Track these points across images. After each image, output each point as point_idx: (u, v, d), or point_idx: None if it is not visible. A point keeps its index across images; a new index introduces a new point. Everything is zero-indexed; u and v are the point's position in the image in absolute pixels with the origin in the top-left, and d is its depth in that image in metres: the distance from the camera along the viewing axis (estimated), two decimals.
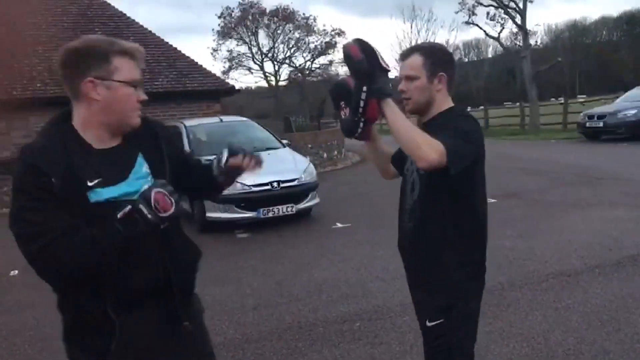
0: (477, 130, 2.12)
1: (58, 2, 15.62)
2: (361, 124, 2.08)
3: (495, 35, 29.38)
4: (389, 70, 2.01)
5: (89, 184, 1.60)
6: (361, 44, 1.98)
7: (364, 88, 1.99)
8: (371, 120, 2.07)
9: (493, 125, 27.18)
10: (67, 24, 15.06)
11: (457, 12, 36.16)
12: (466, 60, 68.70)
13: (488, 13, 28.08)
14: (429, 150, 1.84)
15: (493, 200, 8.74)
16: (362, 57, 1.96)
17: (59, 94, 13.34)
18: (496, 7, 27.43)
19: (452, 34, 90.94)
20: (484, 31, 29.65)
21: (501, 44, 30.68)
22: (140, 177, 1.71)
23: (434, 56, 2.15)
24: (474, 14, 28.59)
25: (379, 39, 78.12)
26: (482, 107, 34.42)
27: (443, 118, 2.12)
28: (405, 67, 2.16)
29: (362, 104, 2.00)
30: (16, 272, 6.45)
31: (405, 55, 2.20)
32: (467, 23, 29.22)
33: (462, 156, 1.92)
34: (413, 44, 40.15)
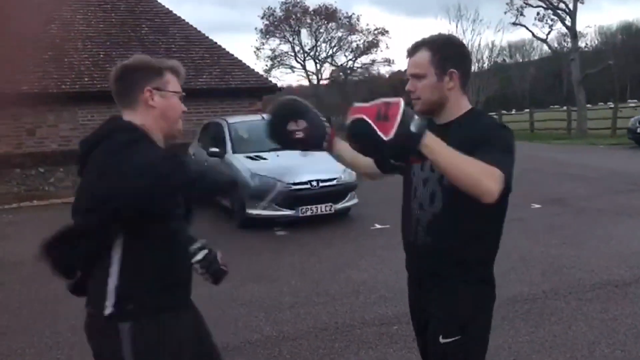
0: (513, 139, 1.93)
1: None
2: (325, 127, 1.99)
3: (543, 36, 28.79)
4: (390, 137, 1.53)
5: None
6: (350, 136, 1.62)
7: (392, 162, 1.64)
8: (419, 163, 1.88)
9: (538, 129, 26.59)
10: (115, 20, 15.41)
11: (505, 13, 35.41)
12: (511, 61, 67.36)
13: (537, 14, 27.49)
14: (490, 182, 1.62)
15: (537, 206, 8.55)
16: (358, 147, 1.63)
17: (106, 88, 13.66)
18: (545, 8, 26.81)
19: (498, 35, 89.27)
20: (532, 32, 29.06)
21: (549, 46, 30.01)
22: None
23: (443, 51, 1.92)
24: (521, 14, 28.03)
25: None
26: (527, 110, 33.75)
27: (469, 123, 1.92)
28: (411, 64, 1.96)
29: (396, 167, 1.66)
30: None
31: (411, 51, 1.97)
32: (514, 24, 28.65)
33: (511, 172, 1.76)
34: None
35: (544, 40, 28.92)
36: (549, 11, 26.86)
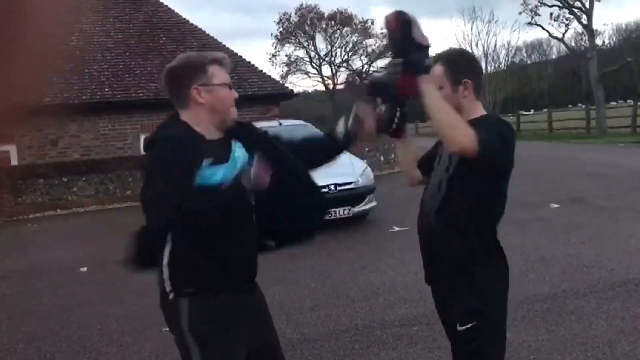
0: (511, 134, 2.13)
1: (125, 10, 16.26)
2: (397, 116, 2.09)
3: (560, 35, 28.54)
4: (427, 46, 1.98)
5: (205, 163, 1.86)
6: (399, 17, 1.96)
7: (400, 60, 1.98)
8: (406, 95, 2.05)
9: (557, 129, 26.38)
10: (133, 31, 15.67)
11: (520, 13, 35.22)
12: (528, 62, 66.76)
13: (552, 14, 27.31)
14: (463, 134, 1.88)
15: (556, 206, 8.51)
16: (397, 26, 1.95)
17: (125, 98, 13.95)
18: (560, 7, 26.63)
19: (514, 35, 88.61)
20: (548, 32, 28.86)
21: (566, 45, 29.74)
22: (239, 162, 1.93)
23: (455, 63, 2.14)
24: (537, 14, 27.87)
25: (440, 41, 77.11)
26: (545, 109, 33.46)
27: (479, 122, 2.08)
28: None
29: (398, 78, 1.99)
30: (85, 269, 6.77)
31: None
32: (530, 24, 28.49)
33: (495, 148, 1.95)
34: (473, 45, 39.51)
35: (561, 40, 28.71)
36: (565, 10, 26.68)
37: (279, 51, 42.40)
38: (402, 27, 1.95)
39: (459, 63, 2.16)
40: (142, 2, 16.68)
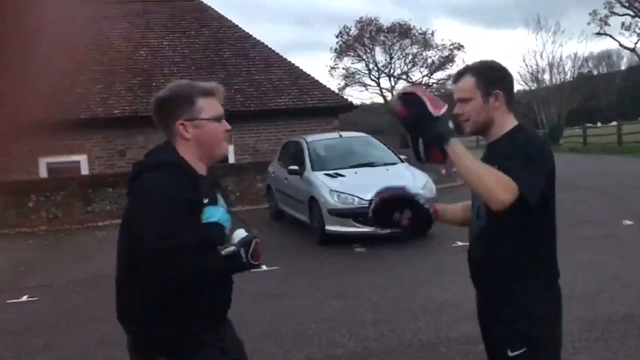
0: (544, 151, 2.05)
1: (191, 25, 16.77)
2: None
3: (631, 45, 27.42)
4: (439, 114, 1.98)
5: (205, 201, 1.84)
6: (404, 98, 2.00)
7: (420, 140, 2.00)
8: (439, 163, 2.09)
9: (627, 142, 25.23)
10: (199, 45, 16.13)
11: (588, 24, 34.13)
12: (595, 73, 64.39)
13: (623, 23, 26.35)
14: (501, 191, 1.85)
15: (629, 222, 8.11)
16: (407, 112, 1.98)
17: None
18: (632, 16, 25.62)
19: (581, 46, 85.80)
20: (618, 42, 27.90)
21: (638, 55, 28.53)
22: (224, 209, 1.92)
23: (486, 74, 2.10)
24: (606, 24, 26.93)
25: (503, 51, 75.60)
26: (614, 122, 32.16)
27: (508, 139, 2.06)
28: (458, 90, 2.13)
29: (422, 155, 2.03)
30: None
31: (457, 78, 2.17)
32: (599, 34, 27.53)
33: (536, 184, 1.91)
34: (537, 56, 38.45)
35: (632, 50, 27.59)
36: (637, 19, 25.64)
37: (337, 64, 42.65)
38: (411, 106, 1.98)
39: (490, 74, 2.11)
40: (208, 17, 17.17)
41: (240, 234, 1.84)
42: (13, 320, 5.56)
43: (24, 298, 6.38)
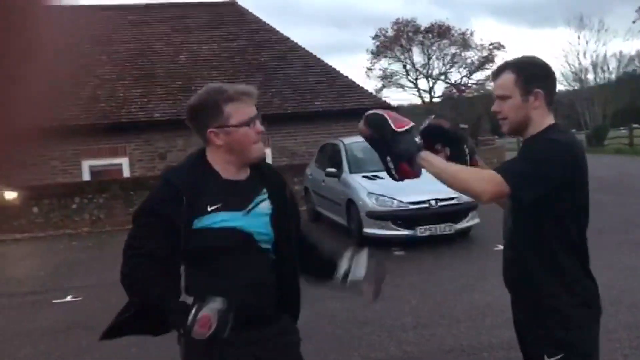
0: (560, 151, 1.93)
1: (230, 28, 16.95)
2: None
3: None
4: (402, 130, 1.96)
5: (209, 209, 1.84)
6: (367, 120, 2.01)
7: (388, 158, 1.98)
8: (411, 178, 2.03)
9: None
10: (237, 49, 16.29)
11: (634, 22, 33.12)
12: None
13: None
14: (480, 183, 1.86)
15: None
16: (370, 132, 1.99)
17: None
18: None
19: (627, 44, 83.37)
20: None
21: None
22: (259, 215, 1.93)
23: (527, 71, 2.01)
24: None
25: (544, 50, 74.09)
26: None
27: (536, 138, 2.00)
28: (497, 86, 2.07)
29: (393, 172, 2.00)
30: None
31: (496, 74, 2.09)
32: None
33: (532, 181, 1.85)
34: (580, 55, 37.57)
35: None
36: None
37: (374, 65, 42.46)
38: (374, 127, 1.99)
39: (531, 71, 2.02)
40: (246, 21, 17.33)
41: (216, 303, 1.71)
42: (58, 320, 5.70)
43: (68, 298, 6.53)
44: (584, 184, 2.01)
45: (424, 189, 7.92)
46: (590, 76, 37.43)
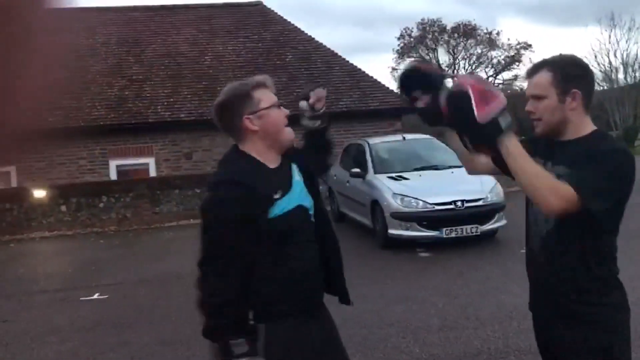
0: (630, 165, 1.86)
1: (254, 29, 17.01)
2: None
3: None
4: (486, 120, 1.69)
5: (275, 196, 1.93)
6: (448, 100, 1.74)
7: (466, 139, 1.83)
8: (487, 155, 1.95)
9: None
10: (261, 50, 16.34)
11: None
12: None
13: None
14: (552, 198, 1.72)
15: None
16: (448, 113, 1.76)
17: None
18: None
19: None
20: None
21: None
22: (301, 188, 2.06)
23: (565, 71, 1.90)
24: None
25: (574, 50, 72.84)
26: None
27: (585, 145, 1.88)
28: (532, 85, 1.97)
29: (468, 145, 1.84)
30: None
31: (531, 72, 1.99)
32: None
33: (605, 196, 1.77)
34: (611, 54, 36.80)
35: None
36: None
37: (399, 65, 42.25)
38: (454, 113, 1.74)
39: (569, 71, 1.91)
40: (270, 21, 17.38)
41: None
42: (86, 317, 5.77)
43: (96, 296, 6.62)
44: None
45: (450, 190, 7.88)
46: (621, 75, 36.73)
